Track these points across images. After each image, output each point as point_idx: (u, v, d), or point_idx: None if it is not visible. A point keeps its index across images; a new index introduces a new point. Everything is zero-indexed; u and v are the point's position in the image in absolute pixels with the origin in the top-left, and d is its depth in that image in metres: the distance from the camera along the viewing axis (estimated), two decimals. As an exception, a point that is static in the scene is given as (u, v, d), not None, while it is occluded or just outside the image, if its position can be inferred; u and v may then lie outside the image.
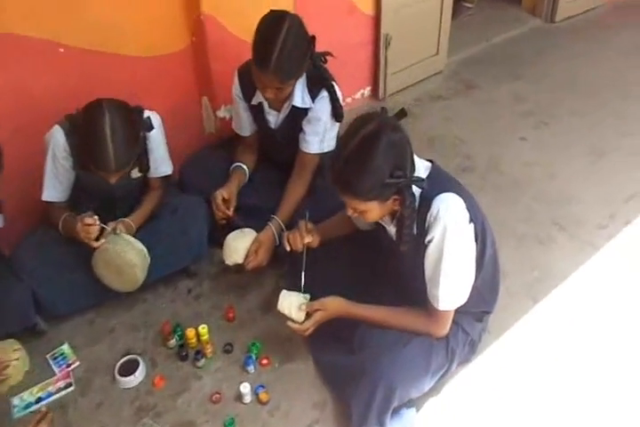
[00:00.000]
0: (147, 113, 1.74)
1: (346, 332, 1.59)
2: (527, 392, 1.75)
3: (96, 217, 1.69)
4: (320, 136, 1.90)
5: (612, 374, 1.80)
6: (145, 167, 1.80)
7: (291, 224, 1.88)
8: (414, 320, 1.50)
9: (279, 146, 2.04)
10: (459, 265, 1.39)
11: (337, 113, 1.86)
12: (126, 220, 1.82)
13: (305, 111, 1.86)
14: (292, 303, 1.58)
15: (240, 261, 1.88)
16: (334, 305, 1.56)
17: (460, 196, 1.38)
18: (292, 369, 1.81)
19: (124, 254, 1.72)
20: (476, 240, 1.42)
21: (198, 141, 2.34)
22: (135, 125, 1.63)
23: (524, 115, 3.06)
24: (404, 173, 1.29)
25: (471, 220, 1.39)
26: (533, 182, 2.61)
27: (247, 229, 1.92)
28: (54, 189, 1.80)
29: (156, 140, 1.79)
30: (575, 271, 2.14)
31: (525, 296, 2.03)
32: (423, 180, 1.33)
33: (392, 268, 1.58)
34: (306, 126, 1.89)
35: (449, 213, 1.34)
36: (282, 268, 2.08)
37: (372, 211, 1.35)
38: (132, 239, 1.78)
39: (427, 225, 1.37)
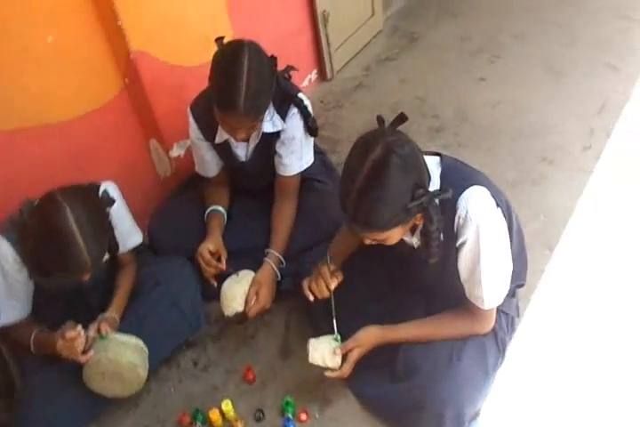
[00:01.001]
0: (102, 186, 1.51)
1: (381, 357, 1.47)
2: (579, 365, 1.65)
3: (79, 327, 1.42)
4: (297, 154, 1.76)
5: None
6: (114, 247, 1.54)
7: (289, 255, 1.78)
8: (458, 325, 1.41)
9: (252, 177, 1.90)
10: (498, 260, 1.30)
11: (310, 127, 1.74)
12: (107, 315, 1.56)
13: (277, 134, 1.73)
14: (324, 352, 1.43)
15: (240, 308, 1.65)
16: (369, 337, 1.44)
17: (481, 184, 1.28)
18: (335, 415, 1.62)
19: (120, 359, 1.47)
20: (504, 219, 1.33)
21: (156, 190, 2.15)
22: (99, 209, 1.41)
23: (473, 53, 2.99)
24: (425, 191, 1.17)
25: (497, 204, 1.30)
26: (506, 122, 2.57)
27: (242, 272, 1.72)
28: (13, 309, 1.50)
29: (119, 212, 1.55)
30: (577, 203, 2.15)
31: (541, 246, 1.99)
32: (448, 191, 1.21)
33: (415, 277, 1.50)
34: (280, 149, 1.75)
35: (479, 211, 1.24)
36: (287, 301, 1.86)
37: (394, 236, 1.24)
38: (124, 337, 1.52)
39: (455, 228, 1.27)
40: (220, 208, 1.85)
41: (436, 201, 1.22)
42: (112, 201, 1.48)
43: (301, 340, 1.73)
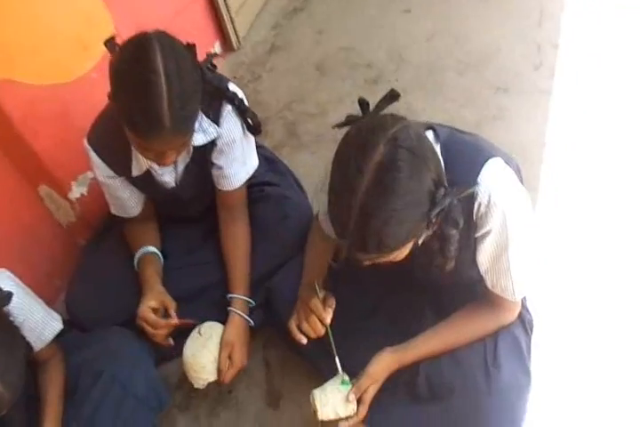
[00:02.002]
0: None
1: (393, 378, 1.22)
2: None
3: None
4: (241, 159, 1.41)
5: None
6: (28, 350, 1.18)
7: (252, 284, 1.46)
8: (483, 321, 1.20)
9: (186, 203, 1.52)
10: (527, 246, 1.10)
11: (250, 124, 1.37)
12: None
13: (211, 143, 1.36)
14: (335, 404, 1.18)
15: (213, 378, 1.37)
16: (383, 368, 1.20)
17: (491, 154, 1.05)
18: None
19: None
20: None
21: (62, 243, 1.74)
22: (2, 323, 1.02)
23: (387, -16, 2.70)
24: (446, 189, 0.92)
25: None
26: (446, 56, 2.32)
27: (205, 326, 1.39)
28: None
29: (23, 304, 1.18)
30: (547, 133, 1.97)
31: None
32: (471, 184, 0.99)
33: (414, 278, 1.24)
34: (219, 159, 1.39)
35: (503, 194, 1.03)
36: (259, 334, 1.54)
37: (405, 251, 0.98)
38: None
39: (475, 218, 1.05)
40: (152, 248, 1.47)
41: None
42: (8, 296, 1.09)
43: (288, 378, 1.49)
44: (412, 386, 1.25)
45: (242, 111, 1.34)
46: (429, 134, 1.06)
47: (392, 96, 0.98)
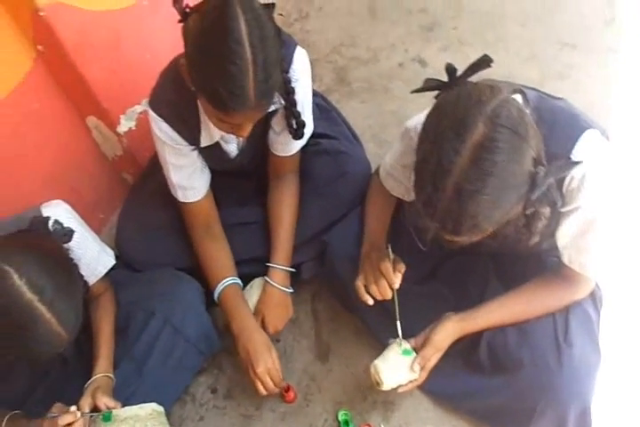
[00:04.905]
0: (45, 211, 1.10)
1: (452, 344, 1.19)
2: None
3: (73, 408, 1.06)
4: (308, 111, 1.30)
5: None
6: (84, 287, 1.12)
7: (303, 240, 1.41)
8: (556, 295, 1.14)
9: (240, 171, 1.43)
10: (614, 224, 1.04)
11: (294, 124, 1.26)
12: (98, 378, 1.19)
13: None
14: (399, 374, 1.16)
15: None
16: (447, 336, 1.16)
17: (586, 124, 0.97)
18: (405, 420, 1.33)
19: None
20: None
21: (107, 176, 1.69)
22: (62, 261, 1.01)
23: None
24: (546, 170, 0.85)
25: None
26: (509, 4, 2.14)
27: (255, 284, 1.40)
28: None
29: (80, 239, 1.15)
30: (614, 95, 1.85)
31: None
32: (573, 161, 0.91)
33: (491, 244, 1.11)
34: (279, 124, 1.29)
35: (599, 170, 0.96)
36: (309, 286, 1.53)
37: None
38: (132, 410, 1.15)
39: (564, 191, 0.98)
40: (236, 278, 1.35)
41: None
42: (69, 233, 1.06)
43: (336, 332, 1.48)
44: (473, 355, 1.23)
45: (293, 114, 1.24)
46: (517, 98, 0.97)
47: (484, 61, 0.89)
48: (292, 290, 1.41)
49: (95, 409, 1.13)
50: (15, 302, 0.89)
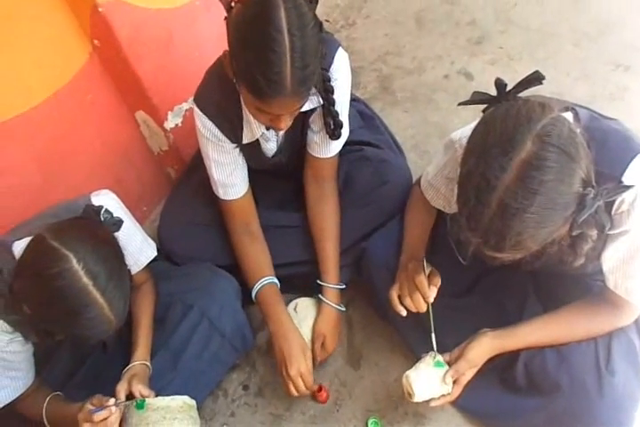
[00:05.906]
0: (95, 200, 1.13)
1: (488, 361, 1.17)
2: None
3: (111, 401, 1.07)
4: (345, 113, 1.28)
5: None
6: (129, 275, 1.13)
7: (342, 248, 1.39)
8: (599, 320, 1.10)
9: (277, 172, 1.43)
10: None
11: (332, 123, 1.26)
12: (136, 365, 1.21)
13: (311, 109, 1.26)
14: (432, 387, 1.14)
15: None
16: (483, 353, 1.13)
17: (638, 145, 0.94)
18: None
19: None
20: None
21: (152, 169, 1.73)
22: (113, 248, 1.04)
23: None
24: (595, 192, 0.83)
25: None
26: (561, 22, 2.10)
27: (300, 305, 1.39)
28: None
29: (126, 229, 1.16)
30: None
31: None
32: (626, 185, 0.88)
33: (534, 262, 1.09)
34: (317, 123, 1.29)
35: None
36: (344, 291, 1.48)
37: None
38: (165, 401, 1.16)
39: (613, 213, 0.96)
40: (273, 277, 1.35)
41: None
42: (119, 222, 1.09)
43: (370, 341, 1.46)
44: (509, 373, 1.20)
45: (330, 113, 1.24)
46: (568, 116, 0.95)
47: (535, 78, 0.88)
48: (344, 309, 1.40)
49: (129, 396, 1.15)
50: (71, 285, 0.94)
